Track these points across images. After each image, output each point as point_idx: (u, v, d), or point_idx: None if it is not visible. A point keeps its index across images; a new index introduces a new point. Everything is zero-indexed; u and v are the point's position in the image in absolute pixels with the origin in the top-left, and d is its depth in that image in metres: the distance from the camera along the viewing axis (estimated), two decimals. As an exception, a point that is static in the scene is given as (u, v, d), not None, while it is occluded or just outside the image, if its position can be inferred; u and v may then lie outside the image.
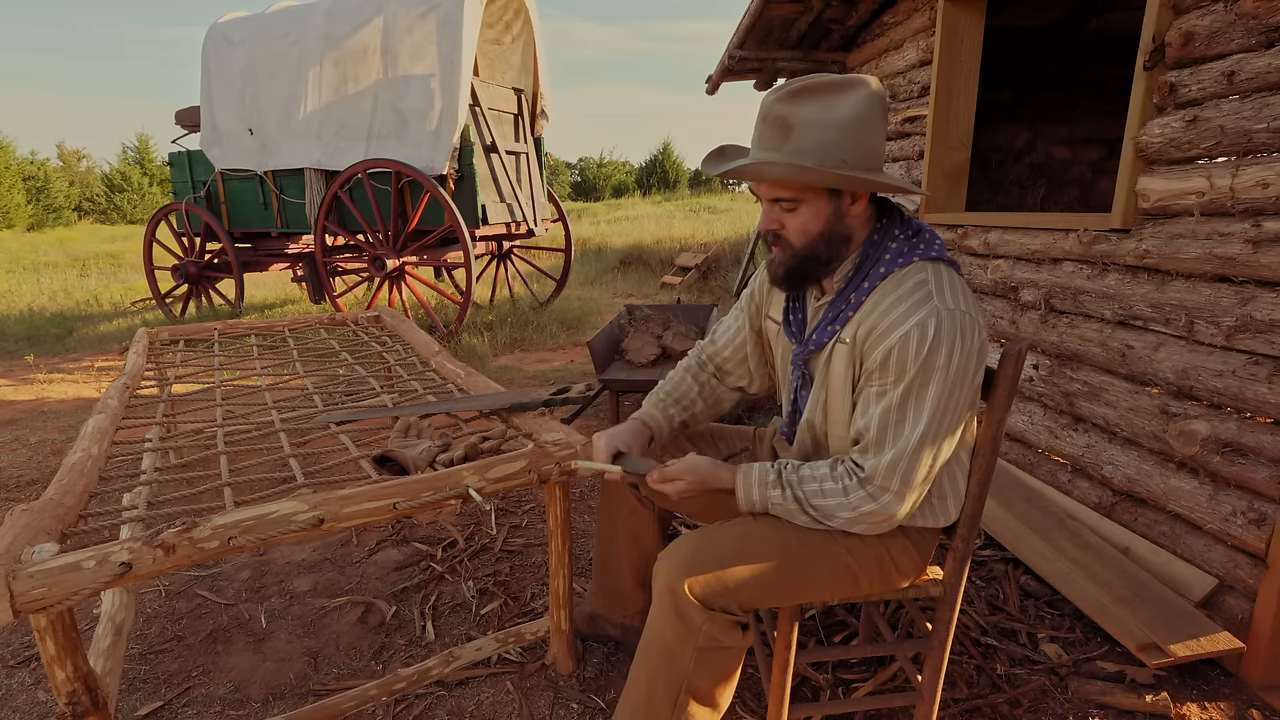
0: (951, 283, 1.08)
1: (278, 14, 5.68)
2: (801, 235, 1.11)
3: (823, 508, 1.11)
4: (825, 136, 1.02)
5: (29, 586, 0.98)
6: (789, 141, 1.04)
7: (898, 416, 1.05)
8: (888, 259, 1.10)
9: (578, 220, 17.27)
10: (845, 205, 1.10)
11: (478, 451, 1.57)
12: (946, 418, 1.05)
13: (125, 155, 30.20)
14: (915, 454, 1.05)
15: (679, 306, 4.11)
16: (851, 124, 1.03)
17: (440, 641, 1.79)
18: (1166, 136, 1.75)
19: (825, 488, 1.11)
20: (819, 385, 1.19)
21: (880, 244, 1.12)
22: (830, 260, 1.13)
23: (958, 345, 1.02)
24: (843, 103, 1.03)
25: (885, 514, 1.08)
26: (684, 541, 1.15)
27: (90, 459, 1.48)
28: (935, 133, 2.81)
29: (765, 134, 1.07)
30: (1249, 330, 1.55)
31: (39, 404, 4.13)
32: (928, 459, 1.06)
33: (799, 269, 1.14)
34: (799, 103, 1.03)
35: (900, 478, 1.05)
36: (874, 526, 1.11)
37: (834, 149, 1.03)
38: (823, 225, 1.10)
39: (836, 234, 1.11)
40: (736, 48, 3.65)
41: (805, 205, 1.09)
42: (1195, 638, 1.56)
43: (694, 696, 1.15)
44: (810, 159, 1.03)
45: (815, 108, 1.03)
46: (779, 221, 1.11)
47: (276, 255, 6.39)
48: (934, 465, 1.07)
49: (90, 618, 1.84)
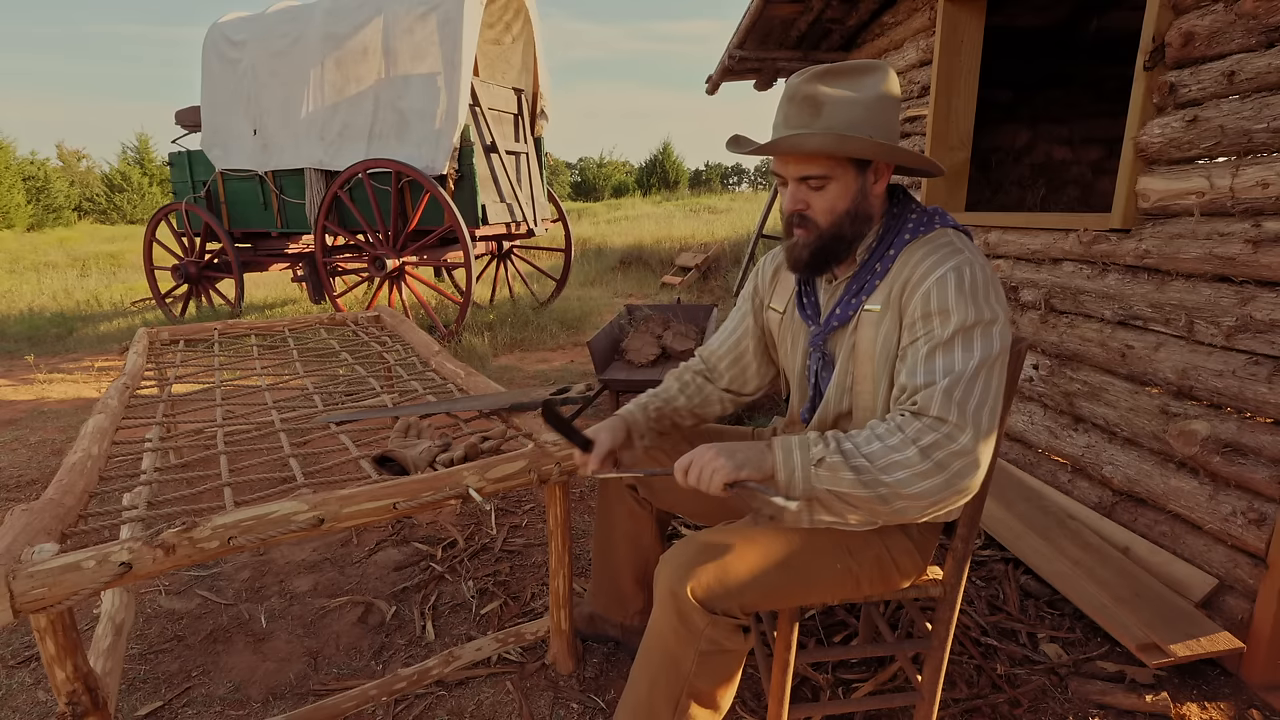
0: (974, 251, 1.10)
1: (278, 14, 5.68)
2: (829, 214, 1.11)
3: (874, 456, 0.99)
4: (855, 113, 1.05)
5: (29, 586, 0.98)
6: (820, 118, 1.06)
7: (945, 351, 1.01)
8: (910, 227, 1.13)
9: (578, 220, 17.27)
10: (869, 183, 1.12)
11: (478, 451, 1.57)
12: (1000, 356, 1.02)
13: (125, 155, 30.22)
14: (972, 381, 0.98)
15: (679, 306, 4.11)
16: (877, 102, 1.07)
17: (440, 641, 1.79)
18: (1166, 136, 1.75)
19: (878, 432, 1.01)
20: (843, 362, 1.17)
21: (900, 216, 1.16)
22: (854, 240, 1.14)
23: (993, 292, 1.04)
24: (868, 83, 1.07)
25: (956, 447, 0.96)
26: (686, 544, 1.15)
27: (90, 459, 1.48)
28: (935, 133, 2.81)
29: (793, 113, 1.08)
30: (1249, 330, 1.55)
31: (39, 404, 4.14)
32: (987, 389, 0.98)
33: (824, 250, 1.13)
34: (829, 82, 1.07)
35: (958, 407, 0.97)
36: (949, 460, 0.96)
37: (863, 125, 1.06)
38: (849, 203, 1.11)
39: (861, 212, 1.12)
40: (736, 48, 3.65)
41: (834, 182, 1.09)
42: (1195, 638, 1.56)
43: (695, 699, 1.15)
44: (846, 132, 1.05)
45: (844, 86, 1.06)
46: (805, 201, 1.12)
47: (276, 255, 6.39)
48: (995, 408, 0.99)
49: (90, 618, 1.84)
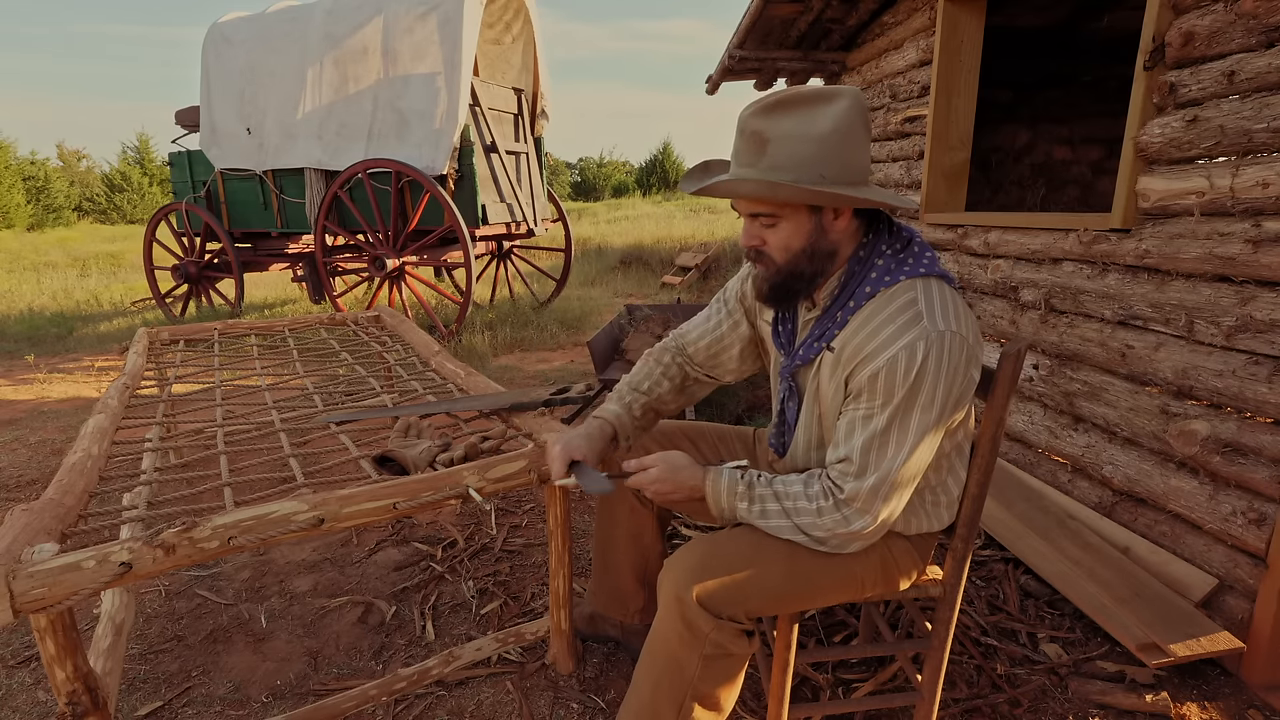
0: (943, 300, 1.04)
1: (278, 14, 5.68)
2: (784, 252, 1.07)
3: (793, 525, 1.09)
4: (803, 150, 0.99)
5: (29, 586, 0.98)
6: (765, 157, 1.01)
7: (882, 441, 1.02)
8: (874, 277, 1.07)
9: (578, 220, 17.27)
10: (828, 220, 1.06)
11: (478, 451, 1.57)
12: (930, 442, 1.04)
13: (125, 155, 30.22)
14: (899, 479, 1.04)
15: (679, 306, 4.11)
16: (831, 137, 0.99)
17: (440, 641, 1.79)
18: (1166, 136, 1.75)
19: (799, 506, 1.09)
20: (810, 400, 1.18)
21: (866, 260, 1.08)
22: (815, 275, 1.09)
23: (944, 369, 1.00)
24: (821, 116, 0.99)
25: (858, 535, 1.07)
26: (691, 549, 1.14)
27: (90, 459, 1.48)
28: (935, 133, 2.81)
29: (742, 149, 1.04)
30: (1249, 330, 1.55)
31: (39, 404, 4.14)
32: (911, 483, 1.06)
33: (783, 286, 1.10)
34: (775, 116, 1.00)
35: (882, 501, 1.04)
36: (841, 546, 1.09)
37: (812, 163, 0.99)
38: (805, 241, 1.06)
39: (820, 249, 1.07)
40: (736, 47, 3.65)
41: (785, 221, 1.05)
42: (1195, 638, 1.56)
43: (699, 701, 1.15)
44: (787, 174, 1.00)
45: (792, 121, 0.99)
46: (760, 238, 1.08)
47: (276, 255, 6.39)
48: (913, 486, 1.08)
49: (90, 618, 1.84)
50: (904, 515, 1.18)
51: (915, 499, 1.17)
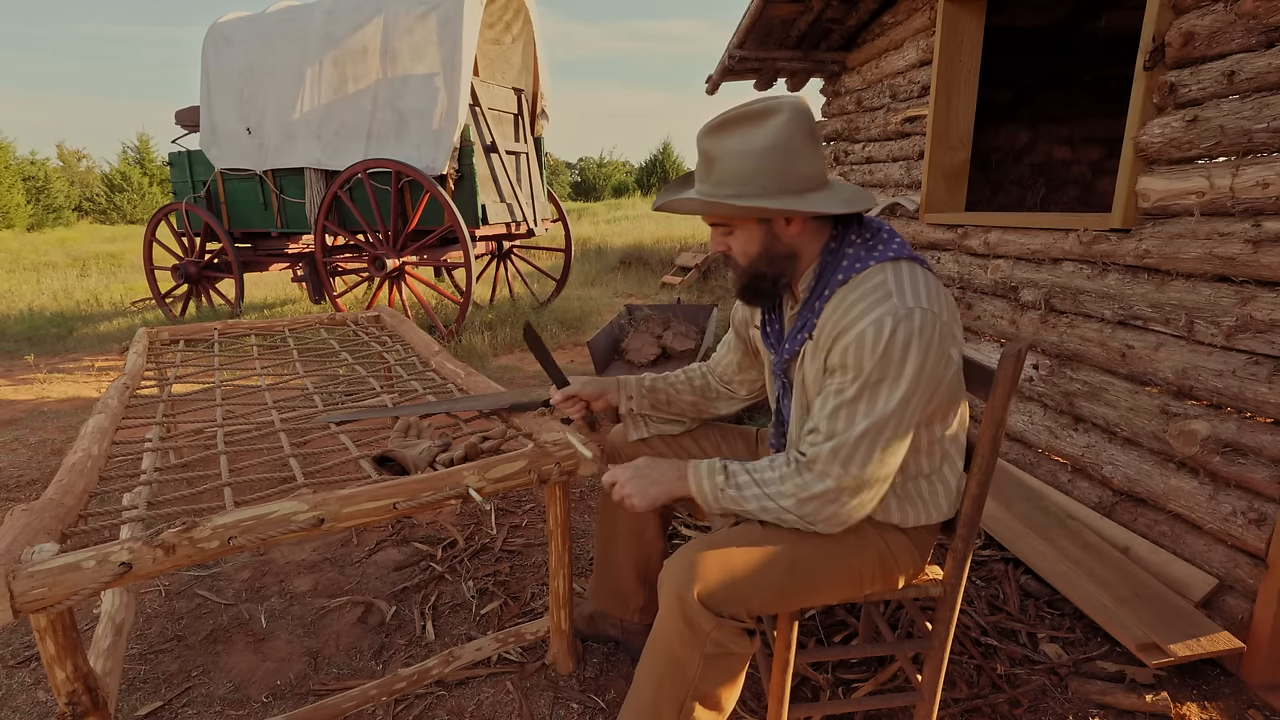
0: (914, 280, 1.07)
1: (278, 14, 5.68)
2: (744, 256, 1.17)
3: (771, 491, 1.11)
4: (743, 166, 1.07)
5: (29, 586, 0.98)
6: (712, 174, 1.10)
7: (850, 411, 1.05)
8: (845, 265, 1.12)
9: (578, 220, 17.28)
10: (780, 227, 1.13)
11: (478, 451, 1.57)
12: (899, 415, 1.05)
13: (125, 155, 30.23)
14: (856, 443, 1.04)
15: (679, 306, 4.12)
16: (768, 152, 1.07)
17: (440, 641, 1.79)
18: (1166, 136, 1.75)
19: (767, 477, 1.12)
20: (798, 391, 1.21)
21: (838, 251, 1.14)
22: (779, 276, 1.17)
23: (915, 343, 1.02)
24: (759, 132, 1.07)
25: (822, 499, 1.07)
26: (691, 547, 1.15)
27: (90, 459, 1.48)
28: (935, 133, 2.81)
29: (698, 167, 1.14)
30: (1249, 330, 1.55)
31: (39, 404, 4.14)
32: (872, 451, 1.05)
33: (751, 287, 1.19)
34: (720, 136, 1.09)
35: (840, 464, 1.05)
36: (814, 516, 1.09)
37: (752, 178, 1.07)
38: (759, 247, 1.15)
39: (776, 253, 1.15)
40: (736, 48, 3.64)
41: (740, 230, 1.15)
42: (1195, 638, 1.56)
43: (700, 701, 1.15)
44: (730, 189, 1.09)
45: (734, 140, 1.08)
46: (724, 244, 1.18)
47: (276, 255, 6.39)
48: (883, 460, 1.06)
49: (90, 618, 1.84)
50: (900, 504, 1.18)
51: (911, 487, 1.18)
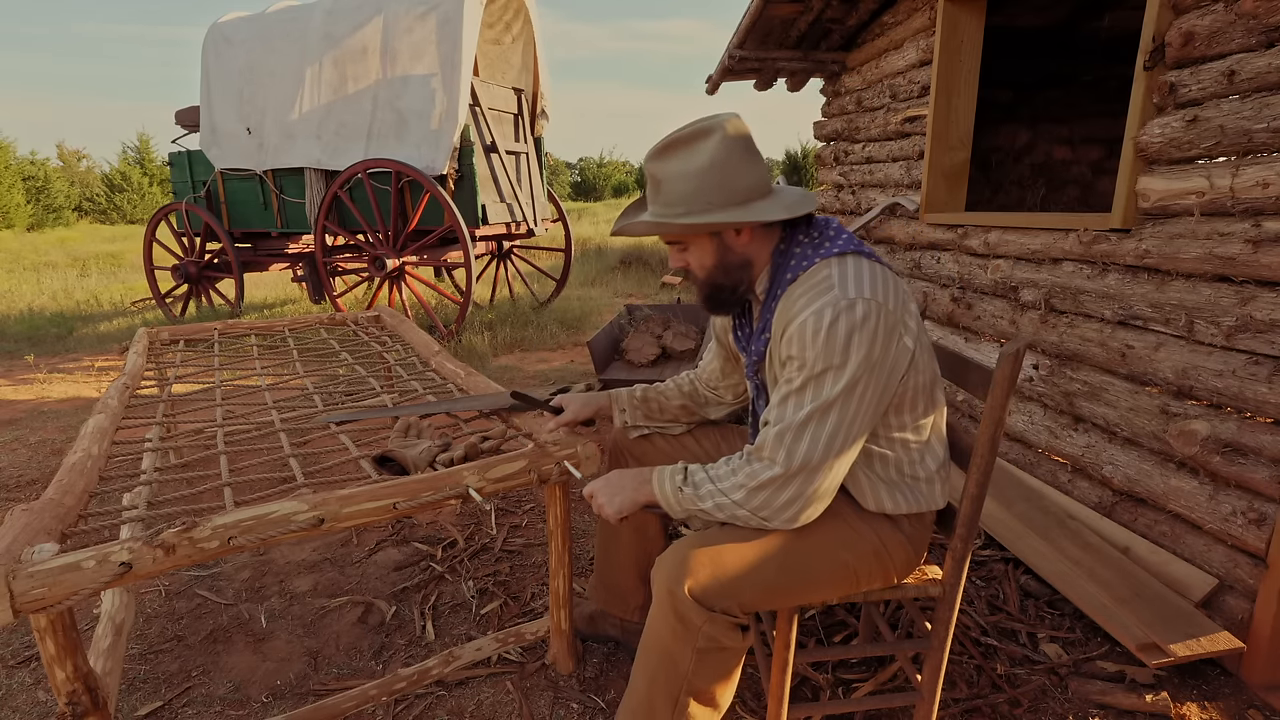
0: (857, 272, 1.09)
1: (278, 14, 5.68)
2: (701, 269, 1.21)
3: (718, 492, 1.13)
4: (687, 186, 1.12)
5: (29, 586, 0.98)
6: (660, 195, 1.16)
7: (796, 399, 1.08)
8: (793, 264, 1.16)
9: (578, 220, 17.27)
10: (730, 238, 1.17)
11: (478, 451, 1.57)
12: (844, 401, 1.05)
13: (125, 155, 30.19)
14: (801, 427, 1.06)
15: (679, 306, 4.12)
16: (708, 170, 1.11)
17: (440, 641, 1.79)
18: (1166, 136, 1.75)
19: (720, 473, 1.14)
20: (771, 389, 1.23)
21: (786, 252, 1.18)
22: (737, 285, 1.21)
23: (859, 333, 1.04)
24: (697, 153, 1.12)
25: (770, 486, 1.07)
26: (684, 543, 1.15)
27: (90, 459, 1.47)
28: (935, 133, 2.81)
29: (647, 190, 1.20)
30: (1249, 330, 1.55)
31: (39, 404, 4.14)
32: (818, 435, 1.06)
33: (714, 297, 1.24)
34: (664, 159, 1.14)
35: (785, 448, 1.06)
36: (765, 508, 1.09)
37: (697, 195, 1.12)
38: (713, 259, 1.19)
39: (730, 263, 1.19)
40: (736, 48, 3.64)
41: (693, 245, 1.19)
42: (1195, 638, 1.56)
43: (694, 697, 1.15)
44: (679, 208, 1.13)
45: (677, 162, 1.13)
46: (683, 259, 1.23)
47: (276, 255, 6.39)
48: (831, 446, 1.06)
49: (90, 618, 1.84)
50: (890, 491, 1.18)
51: (894, 474, 1.18)
